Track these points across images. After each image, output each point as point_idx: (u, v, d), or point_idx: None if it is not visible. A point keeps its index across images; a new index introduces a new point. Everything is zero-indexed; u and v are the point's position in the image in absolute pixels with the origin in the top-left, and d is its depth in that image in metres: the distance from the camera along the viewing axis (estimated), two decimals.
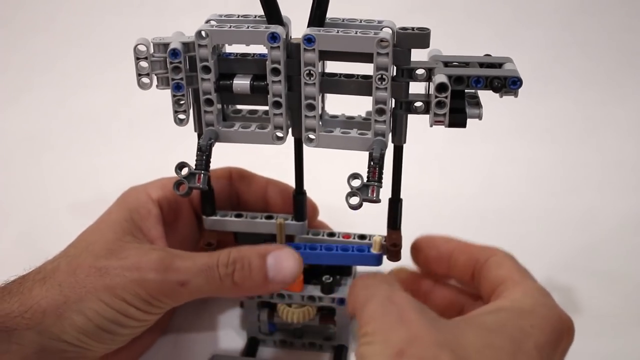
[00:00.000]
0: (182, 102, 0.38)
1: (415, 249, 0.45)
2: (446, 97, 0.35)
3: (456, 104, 0.36)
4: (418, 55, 0.37)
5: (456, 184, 0.66)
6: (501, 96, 0.36)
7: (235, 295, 0.41)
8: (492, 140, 0.69)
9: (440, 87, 0.34)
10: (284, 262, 0.38)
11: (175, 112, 0.39)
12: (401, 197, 0.42)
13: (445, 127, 0.36)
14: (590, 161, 0.68)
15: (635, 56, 0.79)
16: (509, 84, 0.34)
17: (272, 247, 0.39)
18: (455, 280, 0.42)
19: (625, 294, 0.51)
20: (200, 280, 0.37)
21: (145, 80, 0.38)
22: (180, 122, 0.39)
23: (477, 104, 0.36)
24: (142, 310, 0.37)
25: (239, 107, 0.42)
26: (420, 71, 0.36)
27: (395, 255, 0.42)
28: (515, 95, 0.36)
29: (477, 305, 0.39)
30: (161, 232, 0.42)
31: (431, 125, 0.36)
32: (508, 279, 0.37)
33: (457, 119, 0.36)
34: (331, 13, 0.38)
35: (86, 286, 0.36)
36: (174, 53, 0.37)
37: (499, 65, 0.36)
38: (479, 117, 0.36)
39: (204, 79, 0.38)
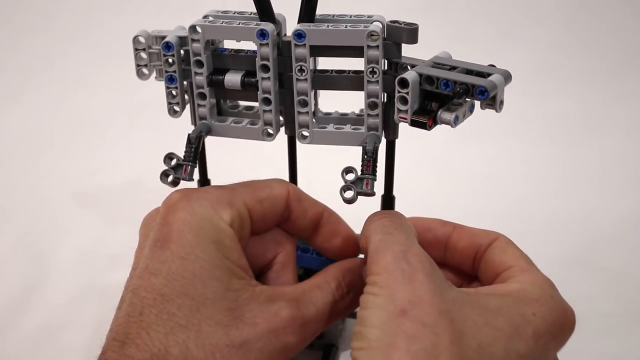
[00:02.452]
0: (175, 94, 0.39)
1: None
2: (407, 93, 0.34)
3: (426, 106, 0.35)
4: (425, 54, 0.37)
5: (455, 183, 0.65)
6: (482, 107, 0.35)
7: None
8: (491, 140, 0.69)
9: (401, 83, 0.34)
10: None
11: (169, 103, 0.39)
12: (394, 194, 0.42)
13: (409, 125, 0.35)
14: (590, 161, 0.68)
15: (636, 56, 0.79)
16: (476, 93, 0.33)
17: (358, 261, 0.39)
18: (451, 265, 0.40)
19: (625, 293, 0.50)
20: (326, 323, 0.36)
21: (144, 70, 0.39)
22: (174, 114, 0.40)
23: (454, 110, 0.35)
24: None
25: (237, 102, 0.43)
26: (407, 67, 0.36)
27: None
28: (496, 109, 0.34)
29: (474, 287, 0.38)
30: (246, 260, 0.35)
31: (396, 121, 0.36)
32: (515, 266, 0.36)
33: (418, 120, 0.34)
34: (332, 12, 0.38)
35: None
36: (167, 46, 0.37)
37: (487, 75, 0.34)
38: (450, 123, 0.34)
39: (197, 73, 0.38)
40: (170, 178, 0.38)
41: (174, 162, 0.38)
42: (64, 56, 0.84)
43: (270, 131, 0.39)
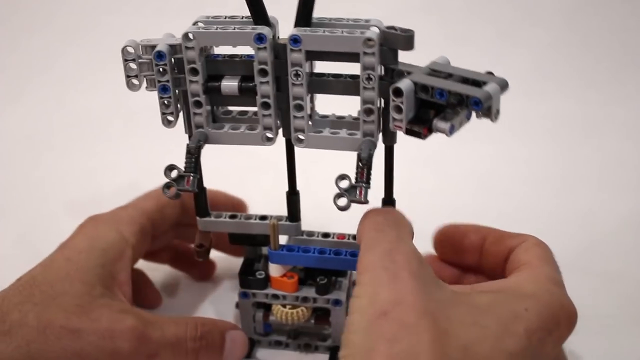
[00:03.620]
0: (169, 104, 0.38)
1: (442, 239, 0.42)
2: (402, 102, 0.33)
3: (423, 114, 0.34)
4: (423, 54, 0.36)
5: (455, 184, 0.65)
6: (478, 117, 0.34)
7: None
8: (491, 140, 0.68)
9: (395, 92, 0.33)
10: (238, 345, 0.42)
11: (163, 113, 0.39)
12: (394, 197, 0.42)
13: (404, 133, 0.34)
14: (590, 161, 0.67)
15: (636, 56, 0.78)
16: (470, 104, 0.32)
17: (228, 324, 0.42)
18: (486, 270, 0.39)
19: (624, 294, 0.50)
20: (168, 354, 0.38)
21: (134, 81, 0.38)
22: (168, 124, 0.39)
23: (450, 119, 0.34)
24: None
25: (229, 108, 0.42)
26: (404, 74, 0.36)
27: None
28: (491, 119, 0.34)
29: None
30: (129, 276, 0.42)
31: (392, 129, 0.35)
32: (527, 264, 0.36)
33: (412, 129, 0.34)
34: (330, 13, 0.38)
35: (56, 350, 0.35)
36: (159, 55, 0.37)
37: (483, 84, 0.34)
38: (445, 132, 0.34)
39: (192, 81, 0.38)
40: (173, 191, 0.38)
41: (175, 173, 0.38)
42: (64, 56, 0.84)
43: (270, 135, 0.39)
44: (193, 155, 0.38)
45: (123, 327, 0.37)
